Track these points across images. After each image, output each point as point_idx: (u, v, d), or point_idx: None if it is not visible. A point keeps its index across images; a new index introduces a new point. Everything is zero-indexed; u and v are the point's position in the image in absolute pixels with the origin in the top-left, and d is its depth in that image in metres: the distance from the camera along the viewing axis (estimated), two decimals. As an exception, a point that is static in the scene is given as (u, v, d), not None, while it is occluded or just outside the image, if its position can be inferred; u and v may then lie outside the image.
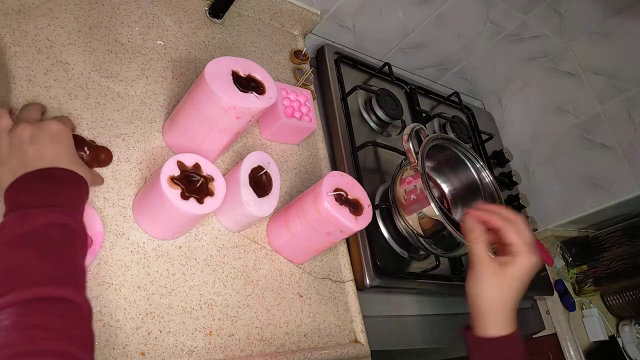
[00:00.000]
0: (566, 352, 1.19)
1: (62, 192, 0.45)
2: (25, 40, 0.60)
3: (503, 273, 0.55)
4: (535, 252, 0.57)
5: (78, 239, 0.44)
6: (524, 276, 0.56)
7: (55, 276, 0.40)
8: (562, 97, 1.29)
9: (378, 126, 1.01)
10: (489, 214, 0.60)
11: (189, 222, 0.59)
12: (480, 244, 0.57)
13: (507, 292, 0.55)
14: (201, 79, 0.57)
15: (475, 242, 0.58)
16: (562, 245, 1.28)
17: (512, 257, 0.57)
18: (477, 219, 0.61)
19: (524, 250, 0.57)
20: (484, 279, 0.56)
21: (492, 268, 0.56)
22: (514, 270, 0.56)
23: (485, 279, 0.55)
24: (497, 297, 0.55)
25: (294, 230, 0.67)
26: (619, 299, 1.30)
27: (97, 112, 0.62)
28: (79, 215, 0.46)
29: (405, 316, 0.85)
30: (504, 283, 0.55)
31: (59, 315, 0.38)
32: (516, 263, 0.56)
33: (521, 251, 0.57)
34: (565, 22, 1.21)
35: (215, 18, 0.85)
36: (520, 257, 0.56)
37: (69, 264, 0.42)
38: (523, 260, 0.56)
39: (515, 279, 0.56)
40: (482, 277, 0.56)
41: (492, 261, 0.56)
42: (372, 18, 1.07)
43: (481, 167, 0.91)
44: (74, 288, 0.40)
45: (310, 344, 0.68)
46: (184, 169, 0.56)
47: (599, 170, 1.19)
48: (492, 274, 0.56)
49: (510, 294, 0.56)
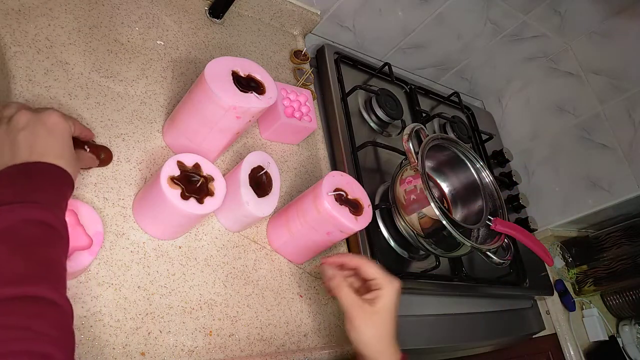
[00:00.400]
0: (566, 352, 1.19)
1: (42, 188, 0.43)
2: (25, 40, 0.60)
3: (375, 310, 0.56)
4: (394, 278, 0.58)
5: (57, 236, 0.42)
6: (394, 305, 0.57)
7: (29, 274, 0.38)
8: (562, 97, 1.29)
9: (378, 126, 1.01)
10: (342, 257, 0.61)
11: (189, 222, 0.59)
12: (345, 288, 0.57)
13: (384, 327, 0.56)
14: (201, 79, 0.57)
15: (339, 288, 0.58)
16: (562, 245, 1.28)
17: (378, 290, 0.57)
18: (334, 264, 0.61)
19: (385, 280, 0.58)
20: (360, 322, 0.55)
21: (364, 309, 0.56)
22: (384, 303, 0.56)
23: (361, 322, 0.55)
24: (378, 335, 0.55)
25: (294, 230, 0.67)
26: (619, 299, 1.30)
27: (97, 112, 0.62)
28: (59, 212, 0.44)
29: (405, 316, 0.85)
30: (379, 319, 0.56)
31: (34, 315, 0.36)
32: (384, 295, 0.57)
33: (383, 282, 0.57)
34: (565, 22, 1.21)
35: (215, 18, 0.85)
36: (385, 287, 0.57)
37: (46, 261, 0.40)
38: (388, 290, 0.57)
39: (388, 311, 0.56)
40: (358, 321, 0.55)
41: (362, 302, 0.56)
42: (372, 18, 1.07)
43: (481, 167, 0.91)
44: (50, 286, 0.39)
45: (310, 344, 0.68)
46: (184, 169, 0.56)
47: (599, 170, 1.19)
48: (366, 314, 0.56)
49: (388, 327, 0.56)
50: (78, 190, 0.56)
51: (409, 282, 0.84)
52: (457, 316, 0.94)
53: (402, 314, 0.85)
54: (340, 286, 0.58)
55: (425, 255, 0.90)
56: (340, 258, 0.62)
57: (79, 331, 0.50)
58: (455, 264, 0.95)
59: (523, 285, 1.07)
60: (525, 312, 1.14)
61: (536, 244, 0.83)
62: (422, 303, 0.89)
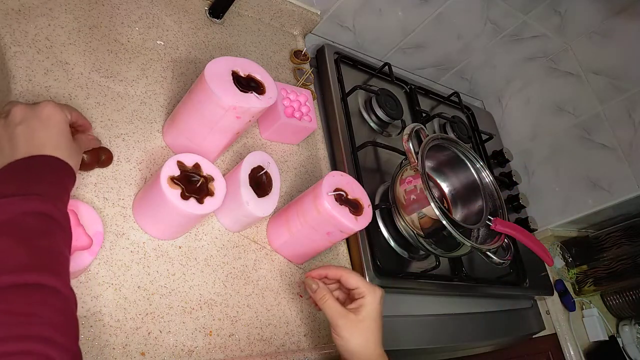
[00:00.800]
0: (566, 352, 1.19)
1: (43, 180, 0.44)
2: (25, 40, 0.60)
3: (360, 319, 0.56)
4: (376, 287, 0.59)
5: (58, 227, 0.43)
6: (378, 311, 0.58)
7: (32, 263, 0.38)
8: (562, 97, 1.29)
9: (378, 126, 1.01)
10: (324, 269, 0.62)
11: (189, 222, 0.59)
12: (330, 299, 0.58)
13: (370, 334, 0.56)
14: (201, 79, 0.57)
15: (324, 299, 0.58)
16: (562, 245, 1.28)
17: (361, 299, 0.58)
18: (317, 277, 0.62)
19: (368, 287, 0.58)
20: (345, 331, 0.56)
21: (349, 318, 0.57)
22: (368, 311, 0.57)
23: (347, 331, 0.56)
24: (364, 343, 0.56)
25: (294, 230, 0.67)
26: (619, 299, 1.30)
27: (97, 112, 0.62)
28: (60, 204, 0.44)
29: (405, 316, 0.85)
30: (364, 327, 0.56)
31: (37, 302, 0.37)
32: (367, 303, 0.57)
33: (366, 290, 0.58)
34: (565, 22, 1.21)
35: (215, 18, 0.85)
36: (368, 295, 0.58)
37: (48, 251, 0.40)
38: (371, 298, 0.58)
39: (372, 319, 0.57)
40: (344, 330, 0.56)
41: (347, 312, 0.57)
42: (372, 18, 1.07)
43: (481, 167, 0.91)
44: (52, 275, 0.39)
45: (310, 344, 0.68)
46: (184, 169, 0.56)
47: (599, 170, 1.19)
48: (351, 323, 0.56)
49: (374, 334, 0.57)
50: (78, 190, 0.56)
51: (409, 282, 0.84)
52: (457, 316, 0.94)
53: (402, 314, 0.85)
54: (325, 297, 0.58)
55: (425, 255, 0.90)
56: (322, 270, 0.63)
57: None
58: (455, 264, 0.95)
59: (523, 285, 1.07)
60: (525, 312, 1.14)
61: (536, 244, 0.83)
62: (422, 303, 0.89)
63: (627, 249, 1.18)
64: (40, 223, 0.41)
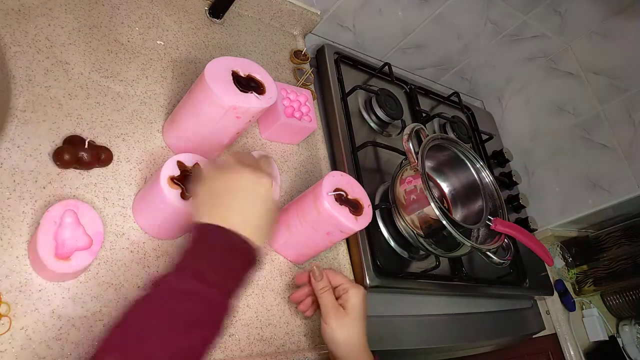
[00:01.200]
0: (566, 352, 1.19)
1: (230, 270, 0.45)
2: (25, 40, 0.60)
3: (347, 312, 0.62)
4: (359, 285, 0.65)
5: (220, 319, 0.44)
6: (361, 306, 0.63)
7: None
8: (562, 97, 1.29)
9: (378, 126, 1.01)
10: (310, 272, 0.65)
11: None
12: (329, 291, 0.63)
13: (355, 329, 0.61)
14: (201, 79, 0.57)
15: (324, 290, 0.63)
16: (562, 245, 1.28)
17: (345, 294, 0.63)
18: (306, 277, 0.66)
19: (351, 284, 0.64)
20: (335, 322, 0.61)
21: (339, 310, 0.62)
22: (353, 304, 0.62)
23: (336, 323, 0.61)
24: (349, 336, 0.61)
25: (294, 230, 0.67)
26: (619, 299, 1.30)
27: (97, 112, 0.62)
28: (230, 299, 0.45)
29: (405, 316, 0.85)
30: (349, 321, 0.61)
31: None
32: (352, 296, 0.63)
33: (349, 285, 0.64)
34: (565, 22, 1.21)
35: (215, 18, 0.85)
36: (351, 290, 0.63)
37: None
38: (355, 291, 0.63)
39: (357, 312, 0.62)
40: (334, 321, 0.61)
41: (338, 306, 0.62)
42: (372, 18, 1.07)
43: (481, 167, 0.91)
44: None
45: (310, 344, 0.68)
46: (184, 169, 0.56)
47: (599, 170, 1.19)
48: (340, 314, 0.61)
49: (359, 329, 0.62)
50: (78, 190, 0.56)
51: (409, 282, 0.84)
52: (457, 316, 0.94)
53: (402, 314, 0.85)
54: (325, 288, 0.63)
55: (425, 255, 0.90)
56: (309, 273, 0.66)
57: (78, 331, 0.50)
58: (455, 264, 0.95)
59: (523, 285, 1.07)
60: (525, 312, 1.14)
61: (536, 244, 0.83)
62: (422, 303, 0.89)
63: (627, 249, 1.18)
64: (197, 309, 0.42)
